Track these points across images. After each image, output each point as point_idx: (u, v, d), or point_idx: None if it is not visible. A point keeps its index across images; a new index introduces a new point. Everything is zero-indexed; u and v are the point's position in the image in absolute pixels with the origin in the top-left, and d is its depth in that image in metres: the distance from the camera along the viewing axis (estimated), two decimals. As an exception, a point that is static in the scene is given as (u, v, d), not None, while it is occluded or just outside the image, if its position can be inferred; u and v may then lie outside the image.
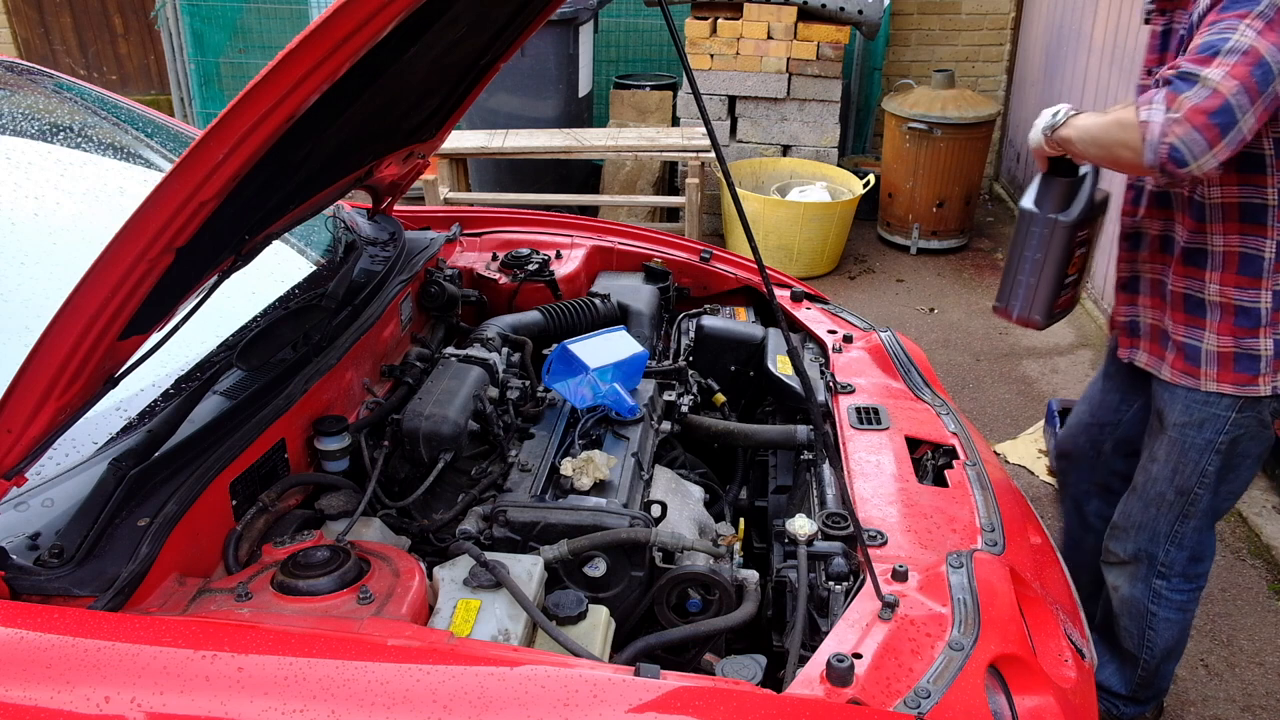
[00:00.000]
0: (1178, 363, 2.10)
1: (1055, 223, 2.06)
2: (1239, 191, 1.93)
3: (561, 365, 1.99)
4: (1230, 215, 1.95)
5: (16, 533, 1.37)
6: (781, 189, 5.63)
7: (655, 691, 1.24)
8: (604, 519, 1.70)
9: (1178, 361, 2.09)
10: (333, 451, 1.83)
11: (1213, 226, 1.98)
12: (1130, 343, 2.23)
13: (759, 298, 2.69)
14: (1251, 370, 2.02)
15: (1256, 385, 2.03)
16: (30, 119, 2.20)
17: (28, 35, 8.10)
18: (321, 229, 2.35)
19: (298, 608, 1.39)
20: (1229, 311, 2.00)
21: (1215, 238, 1.98)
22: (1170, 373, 2.11)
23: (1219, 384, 2.04)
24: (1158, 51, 2.03)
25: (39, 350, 1.25)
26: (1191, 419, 2.10)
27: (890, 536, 1.73)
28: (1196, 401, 2.08)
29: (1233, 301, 2.00)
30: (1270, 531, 3.51)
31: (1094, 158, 1.93)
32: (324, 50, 1.16)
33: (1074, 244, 2.08)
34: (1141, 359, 2.21)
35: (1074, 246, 2.08)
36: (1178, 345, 2.09)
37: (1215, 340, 2.03)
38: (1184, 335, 2.08)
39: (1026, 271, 2.11)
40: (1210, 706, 2.81)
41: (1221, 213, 1.96)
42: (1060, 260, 2.07)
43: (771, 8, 5.59)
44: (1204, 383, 2.05)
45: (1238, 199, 1.94)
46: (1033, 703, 1.41)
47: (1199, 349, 2.05)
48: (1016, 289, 2.14)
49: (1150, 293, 2.17)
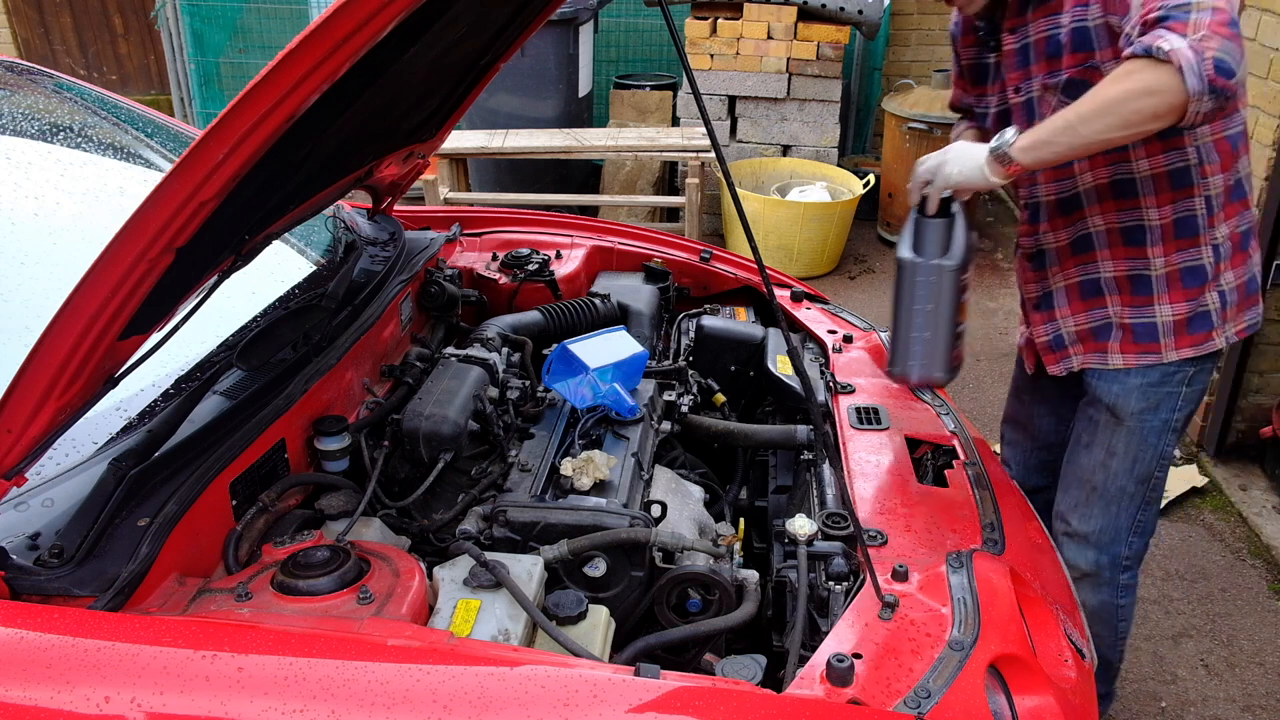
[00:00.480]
0: (1129, 346, 2.06)
1: (940, 269, 1.92)
2: (1165, 159, 1.92)
3: (561, 365, 1.99)
4: (1161, 185, 1.94)
5: (16, 533, 1.37)
6: (781, 189, 5.63)
7: (655, 691, 1.24)
8: (604, 519, 1.70)
9: (1129, 345, 2.06)
10: (333, 451, 1.83)
11: (1146, 200, 1.96)
12: (1058, 356, 2.18)
13: (759, 298, 2.69)
14: (1206, 327, 2.02)
15: (1213, 340, 2.03)
16: (30, 119, 2.20)
17: (28, 35, 8.10)
18: (321, 229, 2.35)
19: (298, 608, 1.39)
20: (1176, 278, 2.00)
21: (1150, 211, 1.97)
22: (1123, 359, 2.07)
23: (1179, 351, 2.03)
24: (1020, 68, 2.00)
25: (39, 350, 1.25)
26: (1149, 403, 2.08)
27: (890, 536, 1.73)
28: (1152, 384, 2.06)
29: (1178, 267, 1.99)
30: (1270, 531, 3.51)
31: (1097, 139, 1.74)
32: (324, 50, 1.16)
33: (960, 288, 1.95)
34: (1076, 363, 2.15)
35: (960, 291, 1.95)
36: (1125, 329, 2.06)
37: (1170, 310, 2.01)
38: (1131, 316, 2.05)
39: (919, 326, 1.96)
40: (1210, 706, 2.81)
41: (1153, 184, 1.95)
42: (951, 308, 1.94)
43: (771, 8, 5.59)
44: (1165, 354, 2.03)
45: (1164, 167, 1.93)
46: (1033, 703, 1.40)
47: (1154, 324, 2.03)
48: (911, 347, 1.98)
49: (1071, 298, 2.12)
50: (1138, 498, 2.16)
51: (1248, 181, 2.01)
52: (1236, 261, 2.03)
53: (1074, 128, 1.75)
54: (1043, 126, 1.80)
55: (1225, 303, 2.02)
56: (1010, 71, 2.04)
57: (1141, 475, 2.14)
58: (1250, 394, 3.84)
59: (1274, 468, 3.78)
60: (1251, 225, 2.04)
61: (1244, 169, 2.00)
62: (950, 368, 2.02)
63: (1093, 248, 2.06)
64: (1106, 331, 2.09)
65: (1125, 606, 2.29)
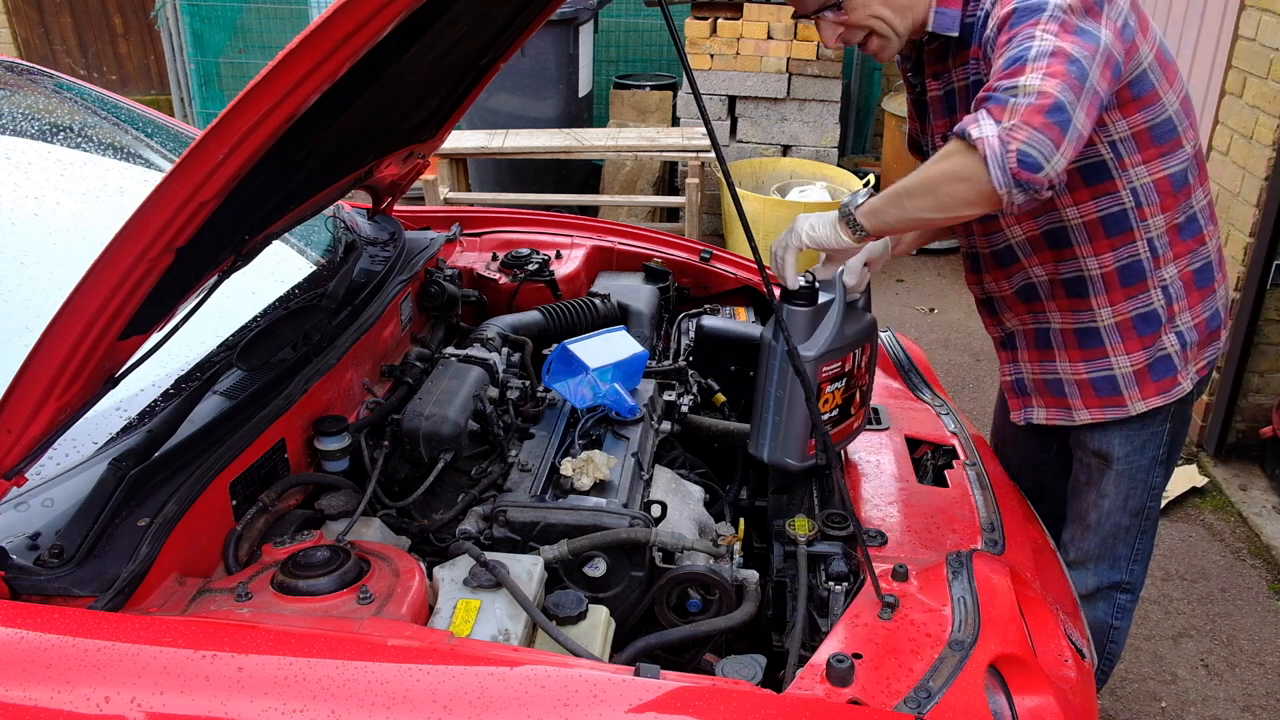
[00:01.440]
0: (1092, 401, 1.98)
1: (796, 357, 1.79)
2: (1095, 206, 1.84)
3: (561, 365, 1.99)
4: (1096, 233, 1.85)
5: (16, 533, 1.37)
6: (781, 189, 5.63)
7: (655, 691, 1.24)
8: (604, 519, 1.70)
9: (1091, 400, 1.98)
10: (333, 451, 1.83)
11: (1082, 249, 1.88)
12: (1021, 402, 2.12)
13: (759, 298, 2.69)
14: (1170, 371, 1.94)
15: (1179, 384, 1.95)
16: (30, 119, 2.20)
17: (28, 35, 8.10)
18: (321, 229, 2.35)
19: (298, 608, 1.39)
20: (1129, 326, 1.92)
21: (1089, 260, 1.88)
22: (1089, 414, 2.00)
23: (1145, 401, 1.95)
24: (946, 115, 1.94)
25: (39, 350, 1.25)
26: (1134, 446, 2.02)
27: (890, 536, 1.73)
28: (1134, 431, 2.00)
29: (1129, 315, 1.91)
30: (1270, 531, 3.51)
31: (920, 216, 1.66)
32: (324, 50, 1.16)
33: (821, 380, 1.81)
34: (1040, 415, 2.07)
35: (823, 383, 1.81)
36: (1083, 384, 1.98)
37: (1127, 361, 1.94)
38: (1087, 372, 1.97)
39: (770, 409, 1.83)
40: (1210, 706, 2.81)
41: (1086, 232, 1.86)
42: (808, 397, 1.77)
43: (771, 8, 5.59)
44: (1132, 406, 1.96)
45: (1097, 213, 1.84)
46: (1033, 703, 1.40)
47: (1113, 376, 1.95)
48: (764, 429, 1.86)
49: (1028, 345, 2.07)
50: (1134, 530, 2.13)
51: (1204, 214, 1.91)
52: (1194, 300, 1.94)
53: (900, 201, 1.67)
54: (882, 194, 1.72)
55: (1185, 343, 1.94)
56: (937, 119, 1.98)
57: (1135, 509, 2.10)
58: (1250, 394, 3.84)
59: (1274, 468, 3.78)
60: (1210, 261, 1.95)
61: (1198, 203, 1.90)
62: (805, 455, 1.86)
63: (1039, 298, 1.99)
64: (1060, 387, 2.02)
65: (1119, 629, 2.25)
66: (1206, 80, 3.97)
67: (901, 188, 1.67)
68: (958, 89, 1.89)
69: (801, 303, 1.79)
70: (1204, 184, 1.91)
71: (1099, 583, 2.19)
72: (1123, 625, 2.26)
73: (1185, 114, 1.83)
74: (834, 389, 1.85)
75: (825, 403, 1.84)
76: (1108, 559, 2.16)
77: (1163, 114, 1.78)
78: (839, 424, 1.92)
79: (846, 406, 1.91)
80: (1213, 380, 3.89)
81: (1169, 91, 1.78)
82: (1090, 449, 2.07)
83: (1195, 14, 4.04)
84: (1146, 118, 1.77)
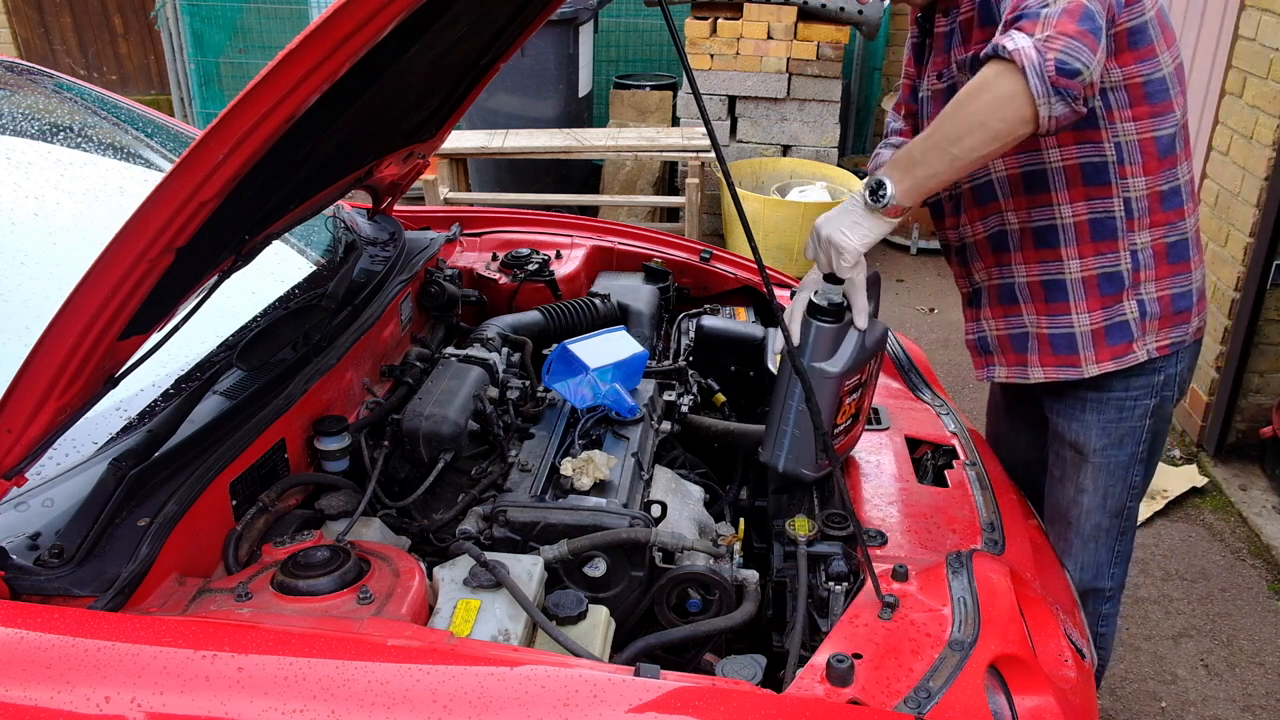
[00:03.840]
0: (1048, 358, 1.99)
1: (821, 373, 1.81)
2: (1077, 151, 1.84)
3: (561, 365, 1.99)
4: (1074, 179, 1.85)
5: (16, 533, 1.37)
6: (781, 189, 5.63)
7: (655, 691, 1.24)
8: (604, 519, 1.70)
9: (1047, 356, 1.99)
10: (333, 451, 1.83)
11: (1058, 195, 1.87)
12: (984, 360, 2.12)
13: (759, 298, 2.69)
14: (1125, 337, 1.93)
15: (1133, 352, 1.93)
16: (30, 119, 2.20)
17: (28, 35, 8.10)
18: (321, 229, 2.35)
19: (298, 608, 1.39)
20: (1093, 283, 1.91)
21: (1063, 208, 1.88)
22: (1043, 372, 2.00)
23: (1099, 365, 1.95)
24: (945, 50, 1.94)
25: (39, 350, 1.25)
26: (1111, 439, 2.01)
27: (890, 536, 1.73)
28: (1111, 421, 2.00)
29: (1094, 272, 1.91)
30: (1270, 531, 3.51)
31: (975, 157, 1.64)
32: (324, 50, 1.16)
33: (843, 393, 1.84)
34: (1000, 373, 2.06)
35: (844, 395, 1.85)
36: (1041, 339, 1.98)
37: (1087, 319, 1.93)
38: (1048, 326, 1.97)
39: (790, 422, 1.86)
40: (1210, 706, 2.81)
41: (1065, 177, 1.86)
42: (827, 411, 1.83)
43: (771, 8, 5.59)
44: (1086, 368, 1.95)
45: (1077, 159, 1.85)
46: (1033, 703, 1.41)
47: (1072, 334, 1.95)
48: (781, 439, 1.88)
49: (991, 301, 2.06)
50: (1114, 531, 2.11)
51: (1186, 190, 1.90)
52: (1162, 273, 1.92)
53: (945, 150, 1.64)
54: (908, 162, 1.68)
55: (1145, 313, 1.93)
56: (937, 55, 1.97)
57: (1114, 509, 2.09)
58: (1250, 394, 3.84)
59: (1274, 468, 3.78)
60: (1187, 238, 1.93)
61: (1182, 176, 1.89)
62: (818, 467, 1.88)
63: (1008, 248, 1.98)
64: (1023, 341, 2.02)
65: (1104, 635, 2.24)
66: (1206, 80, 3.97)
67: (941, 137, 1.64)
68: (960, 23, 1.89)
69: (829, 320, 1.79)
70: (1189, 159, 1.92)
71: (1080, 590, 2.17)
72: (1107, 631, 2.25)
73: (1178, 80, 1.83)
74: (852, 399, 1.88)
75: (843, 413, 1.87)
76: (1092, 566, 2.15)
77: (1157, 72, 1.79)
78: (850, 430, 1.94)
79: (858, 413, 1.94)
80: (1213, 380, 3.90)
81: (1165, 53, 1.79)
82: (1066, 440, 2.06)
83: (1195, 14, 4.04)
84: (1141, 70, 1.78)
